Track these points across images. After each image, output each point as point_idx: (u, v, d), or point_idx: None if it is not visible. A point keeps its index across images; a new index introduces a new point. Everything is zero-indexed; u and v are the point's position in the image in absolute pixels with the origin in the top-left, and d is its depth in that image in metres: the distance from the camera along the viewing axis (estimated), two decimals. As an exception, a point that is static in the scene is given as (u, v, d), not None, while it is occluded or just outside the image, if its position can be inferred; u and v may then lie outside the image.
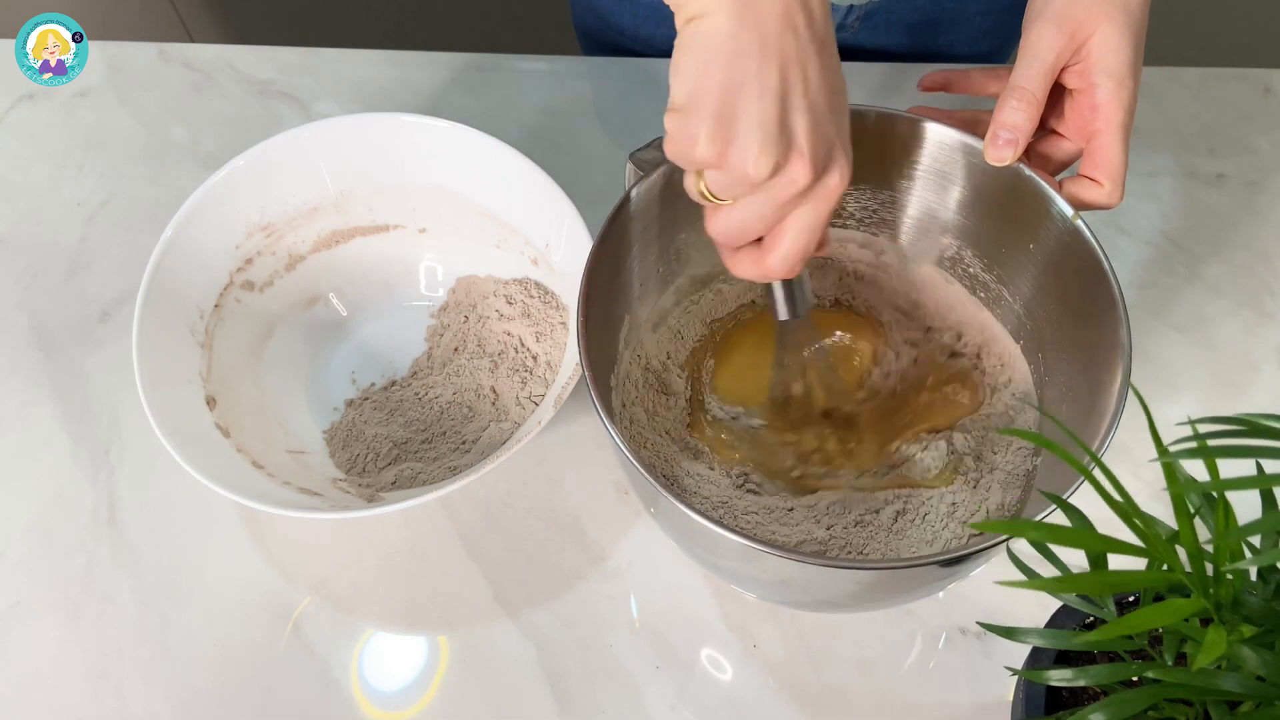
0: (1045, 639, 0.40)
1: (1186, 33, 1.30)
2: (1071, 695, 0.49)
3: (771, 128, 0.41)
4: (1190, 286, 0.72)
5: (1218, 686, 0.34)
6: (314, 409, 0.67)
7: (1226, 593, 0.34)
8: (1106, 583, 0.34)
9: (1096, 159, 0.52)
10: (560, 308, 0.67)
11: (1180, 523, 0.35)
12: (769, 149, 0.41)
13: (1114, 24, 0.50)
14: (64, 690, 0.59)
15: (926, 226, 0.61)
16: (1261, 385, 0.68)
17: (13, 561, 0.63)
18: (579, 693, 0.59)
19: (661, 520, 0.54)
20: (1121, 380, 0.49)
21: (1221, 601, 0.34)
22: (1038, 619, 0.56)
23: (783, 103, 0.41)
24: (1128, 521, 0.35)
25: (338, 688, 0.59)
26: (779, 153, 0.41)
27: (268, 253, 0.68)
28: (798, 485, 0.61)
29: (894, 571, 0.50)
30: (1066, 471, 0.47)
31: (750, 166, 0.41)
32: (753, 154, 0.41)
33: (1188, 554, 0.34)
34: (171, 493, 0.65)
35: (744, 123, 0.41)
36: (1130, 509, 0.35)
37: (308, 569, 0.63)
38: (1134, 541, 0.35)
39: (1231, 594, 0.34)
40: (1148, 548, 0.35)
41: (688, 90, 0.41)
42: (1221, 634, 0.32)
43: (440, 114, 0.66)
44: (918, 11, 0.79)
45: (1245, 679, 0.34)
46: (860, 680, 0.59)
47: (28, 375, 0.69)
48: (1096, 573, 0.36)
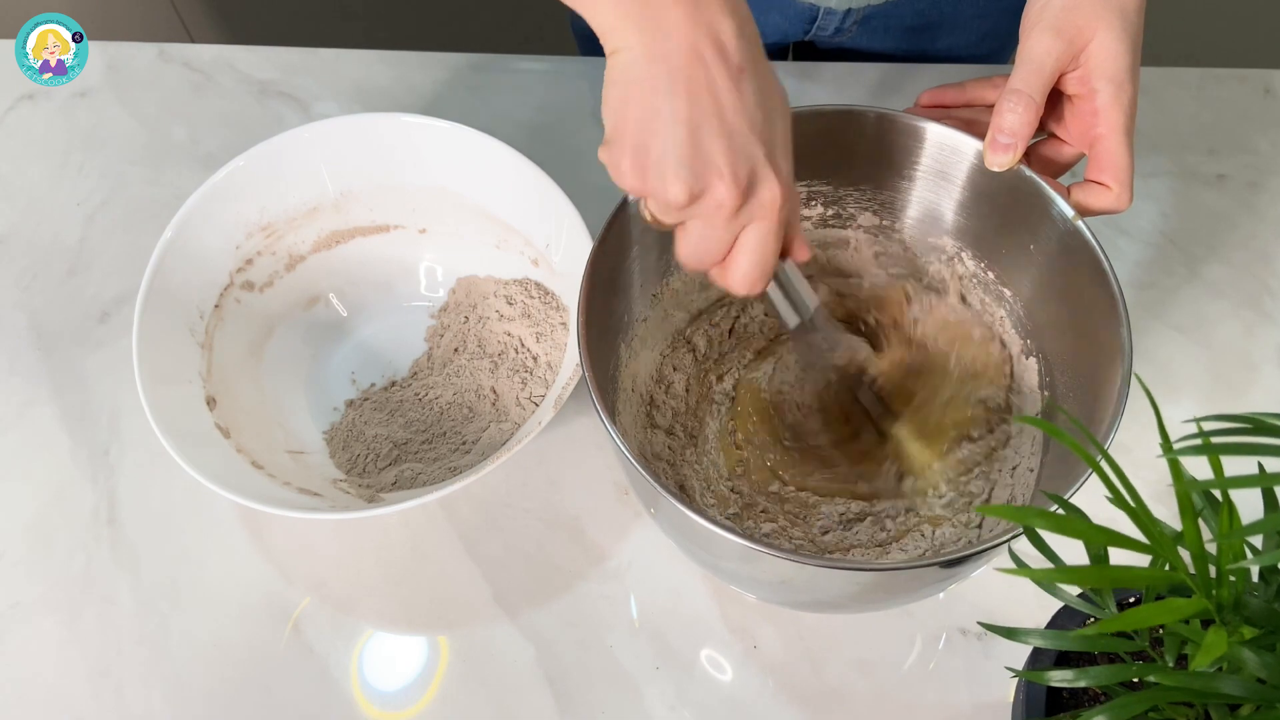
0: (1046, 639, 0.40)
1: (1186, 33, 1.30)
2: (1072, 696, 0.49)
3: (683, 155, 0.42)
4: (1190, 286, 0.72)
5: (1218, 689, 0.34)
6: (314, 409, 0.67)
7: (1228, 593, 0.34)
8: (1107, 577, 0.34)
9: (1102, 163, 0.52)
10: (560, 308, 0.67)
11: (1185, 522, 0.34)
12: (681, 175, 0.43)
13: (1111, 29, 0.50)
14: (64, 690, 0.59)
15: (927, 227, 0.61)
16: (1261, 385, 0.68)
17: (13, 561, 0.63)
18: (579, 693, 0.59)
19: (661, 521, 0.54)
20: (1122, 381, 0.49)
21: (1223, 602, 0.34)
22: (1038, 620, 0.56)
23: (694, 130, 0.42)
24: (1134, 518, 0.35)
25: (338, 688, 0.59)
26: (693, 178, 0.43)
27: (268, 253, 0.67)
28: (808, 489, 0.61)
29: (894, 572, 0.50)
30: (1065, 484, 0.47)
31: (668, 193, 0.43)
32: (668, 181, 0.43)
33: (1191, 554, 0.34)
34: (171, 493, 0.65)
35: (656, 152, 0.43)
36: (1137, 506, 0.35)
37: (308, 569, 0.63)
38: (1137, 538, 0.34)
39: (1233, 595, 0.34)
40: (1152, 545, 0.34)
41: (611, 123, 0.44)
42: (1222, 635, 0.32)
43: (440, 114, 0.66)
44: (915, 15, 0.79)
45: (1245, 681, 0.34)
46: (860, 681, 0.59)
47: (27, 375, 0.69)
48: (1097, 567, 0.36)
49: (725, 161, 0.43)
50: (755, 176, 0.44)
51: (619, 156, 0.44)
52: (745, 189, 0.44)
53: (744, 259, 0.46)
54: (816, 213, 0.63)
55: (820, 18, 0.78)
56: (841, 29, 0.79)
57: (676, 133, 0.42)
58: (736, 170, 0.43)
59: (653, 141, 0.43)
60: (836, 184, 0.61)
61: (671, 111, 0.42)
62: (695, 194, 0.43)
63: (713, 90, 0.42)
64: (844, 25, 0.79)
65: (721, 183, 0.43)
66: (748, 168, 0.44)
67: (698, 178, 0.43)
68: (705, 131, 0.42)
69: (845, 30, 0.79)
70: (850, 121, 0.57)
